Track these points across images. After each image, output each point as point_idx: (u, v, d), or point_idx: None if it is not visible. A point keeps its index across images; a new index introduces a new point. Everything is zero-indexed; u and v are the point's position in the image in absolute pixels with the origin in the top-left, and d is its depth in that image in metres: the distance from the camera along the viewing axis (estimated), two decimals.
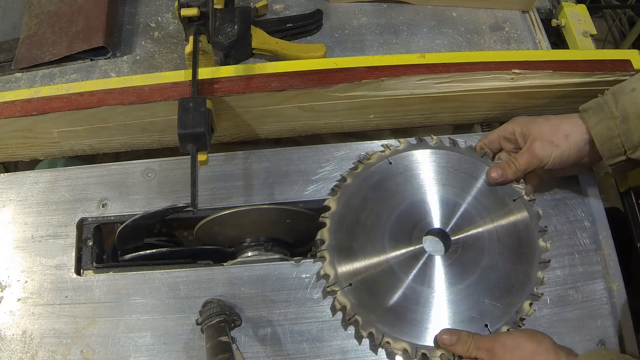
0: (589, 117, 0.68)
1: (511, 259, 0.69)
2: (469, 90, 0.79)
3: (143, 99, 0.74)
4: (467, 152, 0.77)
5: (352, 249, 0.69)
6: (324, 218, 0.72)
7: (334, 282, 0.68)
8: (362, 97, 0.78)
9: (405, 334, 0.66)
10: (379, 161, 0.75)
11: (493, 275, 0.68)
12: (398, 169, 0.74)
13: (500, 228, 0.71)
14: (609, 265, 0.75)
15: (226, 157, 0.80)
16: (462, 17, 1.00)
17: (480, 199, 0.73)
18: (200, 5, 0.74)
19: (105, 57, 0.95)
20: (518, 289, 0.68)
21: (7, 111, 0.75)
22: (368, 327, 0.66)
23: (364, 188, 0.73)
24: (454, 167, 0.75)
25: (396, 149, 0.76)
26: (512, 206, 0.72)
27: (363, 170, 0.74)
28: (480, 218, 0.71)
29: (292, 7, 1.00)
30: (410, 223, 0.71)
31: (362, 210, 0.71)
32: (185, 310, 0.70)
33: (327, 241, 0.70)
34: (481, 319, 0.66)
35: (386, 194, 0.73)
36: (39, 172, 0.81)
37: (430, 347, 0.65)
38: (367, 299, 0.67)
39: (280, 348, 0.68)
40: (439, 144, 0.77)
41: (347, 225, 0.71)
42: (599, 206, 0.78)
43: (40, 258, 0.74)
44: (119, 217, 0.76)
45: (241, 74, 0.76)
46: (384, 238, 0.70)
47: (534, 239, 0.71)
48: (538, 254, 0.70)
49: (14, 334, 0.70)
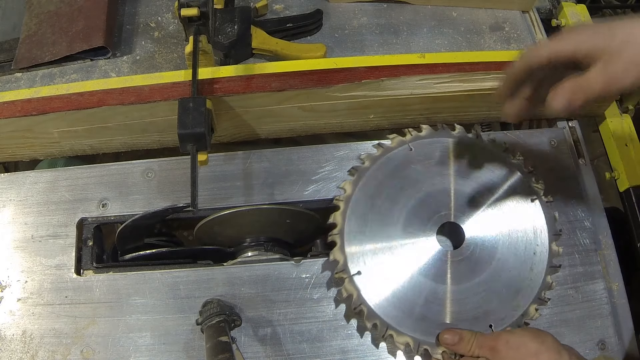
0: None
1: (522, 262, 0.68)
2: (469, 90, 0.79)
3: (143, 99, 0.74)
4: (491, 145, 0.74)
5: (365, 236, 0.68)
6: (338, 201, 0.70)
7: (342, 268, 0.67)
8: (362, 97, 0.78)
9: (409, 328, 0.65)
10: (399, 146, 0.72)
11: (502, 276, 0.67)
12: (418, 156, 0.72)
13: (514, 229, 0.69)
14: (609, 265, 0.75)
15: (226, 157, 0.80)
16: (462, 17, 1.00)
17: (498, 196, 0.70)
18: (200, 5, 0.74)
19: (105, 57, 0.95)
20: (526, 292, 0.67)
21: (7, 111, 0.75)
22: (373, 318, 0.65)
23: (381, 173, 0.71)
24: (476, 159, 0.72)
25: (418, 135, 0.73)
26: (530, 207, 0.70)
27: (382, 154, 0.72)
28: (497, 216, 0.69)
29: (292, 7, 1.00)
30: (426, 214, 0.69)
31: (378, 196, 0.69)
32: (185, 310, 0.70)
33: (339, 225, 0.68)
34: (486, 319, 0.66)
35: (404, 181, 0.70)
36: (39, 172, 0.81)
37: (433, 343, 0.65)
38: (375, 289, 0.66)
39: (280, 348, 0.68)
40: (462, 133, 0.74)
41: (361, 211, 0.69)
42: (599, 206, 0.78)
43: (40, 258, 0.74)
44: (119, 217, 0.76)
45: (241, 74, 0.76)
46: (397, 227, 0.68)
47: (547, 243, 0.69)
48: (549, 258, 0.68)
49: (14, 334, 0.70)
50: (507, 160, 0.72)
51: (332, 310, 0.70)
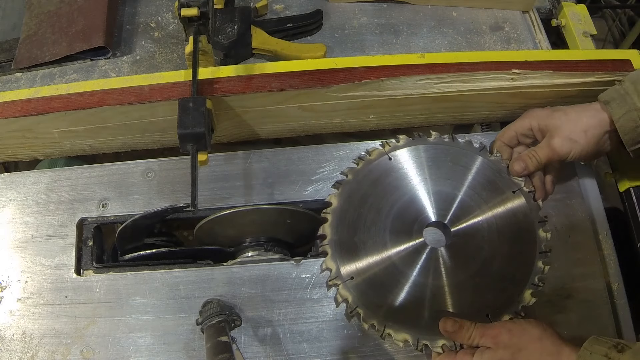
0: (613, 109, 0.69)
1: (512, 250, 0.70)
2: (469, 90, 0.79)
3: (143, 99, 0.74)
4: (466, 146, 0.76)
5: (354, 244, 0.70)
6: (325, 214, 0.72)
7: (335, 275, 0.68)
8: (362, 97, 0.78)
9: (406, 325, 0.66)
10: (378, 157, 0.75)
11: (494, 266, 0.69)
12: (397, 165, 0.75)
13: (499, 219, 0.71)
14: (609, 265, 0.75)
15: (226, 157, 0.80)
16: (462, 17, 1.00)
17: (479, 192, 0.73)
18: (200, 5, 0.74)
19: (105, 57, 0.95)
20: (519, 278, 0.68)
21: (7, 111, 0.75)
22: (370, 319, 0.66)
23: (364, 184, 0.74)
24: (453, 161, 0.75)
25: (395, 145, 0.77)
26: (512, 198, 0.72)
27: (363, 167, 0.75)
28: (479, 209, 0.72)
29: (292, 7, 1.00)
30: (411, 217, 0.72)
31: (363, 206, 0.72)
32: (185, 310, 0.70)
33: (329, 236, 0.70)
34: (482, 310, 0.67)
35: (386, 189, 0.73)
36: (39, 172, 0.81)
37: (432, 337, 0.65)
38: (369, 292, 0.68)
39: (280, 348, 0.68)
40: (438, 139, 0.77)
41: (349, 221, 0.71)
42: (599, 206, 0.78)
43: (40, 258, 0.74)
44: (119, 217, 0.76)
45: (241, 74, 0.76)
46: (385, 232, 0.71)
47: (534, 230, 0.70)
48: (539, 244, 0.70)
49: (14, 334, 0.70)
50: (485, 158, 0.75)
51: (332, 310, 0.70)
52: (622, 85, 0.70)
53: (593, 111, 0.70)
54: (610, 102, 0.69)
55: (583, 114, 0.71)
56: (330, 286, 0.70)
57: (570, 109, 0.72)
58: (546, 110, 0.73)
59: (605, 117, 0.70)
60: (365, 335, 0.69)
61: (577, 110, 0.72)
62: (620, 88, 0.70)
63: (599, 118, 0.70)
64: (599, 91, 0.72)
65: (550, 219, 0.75)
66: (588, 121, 0.70)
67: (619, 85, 0.70)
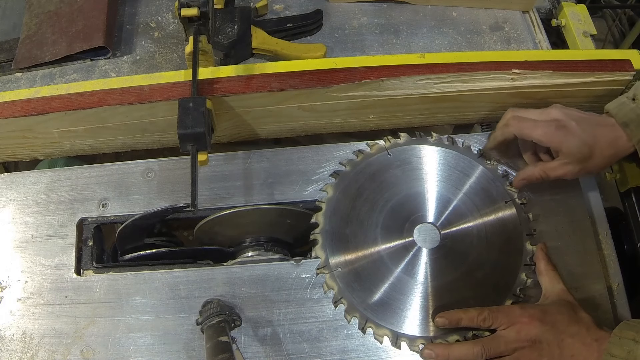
0: (633, 132, 0.68)
1: (498, 259, 0.71)
2: (469, 90, 0.79)
3: (143, 99, 0.74)
4: (465, 151, 0.77)
5: (345, 235, 0.71)
6: (320, 202, 0.73)
7: (323, 265, 0.70)
8: (362, 97, 0.78)
9: (387, 321, 0.68)
10: (378, 152, 0.77)
11: (479, 272, 0.70)
12: (396, 162, 0.76)
13: (489, 227, 0.72)
14: (609, 265, 0.75)
15: (226, 157, 0.80)
16: (462, 17, 1.00)
17: (473, 198, 0.74)
18: (200, 5, 0.74)
19: (105, 57, 0.95)
20: (502, 287, 0.69)
21: (7, 111, 0.75)
22: (353, 311, 0.68)
23: (361, 177, 0.75)
24: (451, 164, 0.76)
25: (396, 142, 0.78)
26: (504, 208, 0.73)
27: (362, 160, 0.76)
28: (471, 215, 0.73)
29: (292, 7, 1.00)
30: (404, 215, 0.73)
31: (358, 198, 0.73)
32: (185, 310, 0.70)
33: (321, 225, 0.72)
34: None
35: (382, 184, 0.74)
36: (39, 172, 0.80)
37: (410, 336, 0.67)
38: (355, 284, 0.69)
39: (280, 348, 0.68)
40: (438, 141, 0.78)
41: (342, 212, 0.72)
42: (599, 206, 0.78)
43: (40, 258, 0.74)
44: (119, 217, 0.76)
45: (241, 74, 0.76)
46: (376, 227, 0.72)
47: (522, 241, 0.72)
48: (525, 256, 0.71)
49: (14, 334, 0.70)
50: (481, 165, 0.76)
51: (332, 310, 0.70)
52: (639, 104, 0.68)
53: (606, 129, 0.69)
54: (629, 124, 0.68)
55: (599, 134, 0.68)
56: (317, 275, 0.71)
57: (579, 125, 0.68)
58: (552, 125, 0.69)
59: (621, 136, 0.69)
60: (366, 335, 0.69)
61: (589, 130, 0.69)
62: (636, 107, 0.69)
63: (614, 136, 0.69)
64: (599, 91, 0.72)
65: (550, 218, 0.75)
66: (603, 144, 0.69)
67: (634, 104, 0.69)
